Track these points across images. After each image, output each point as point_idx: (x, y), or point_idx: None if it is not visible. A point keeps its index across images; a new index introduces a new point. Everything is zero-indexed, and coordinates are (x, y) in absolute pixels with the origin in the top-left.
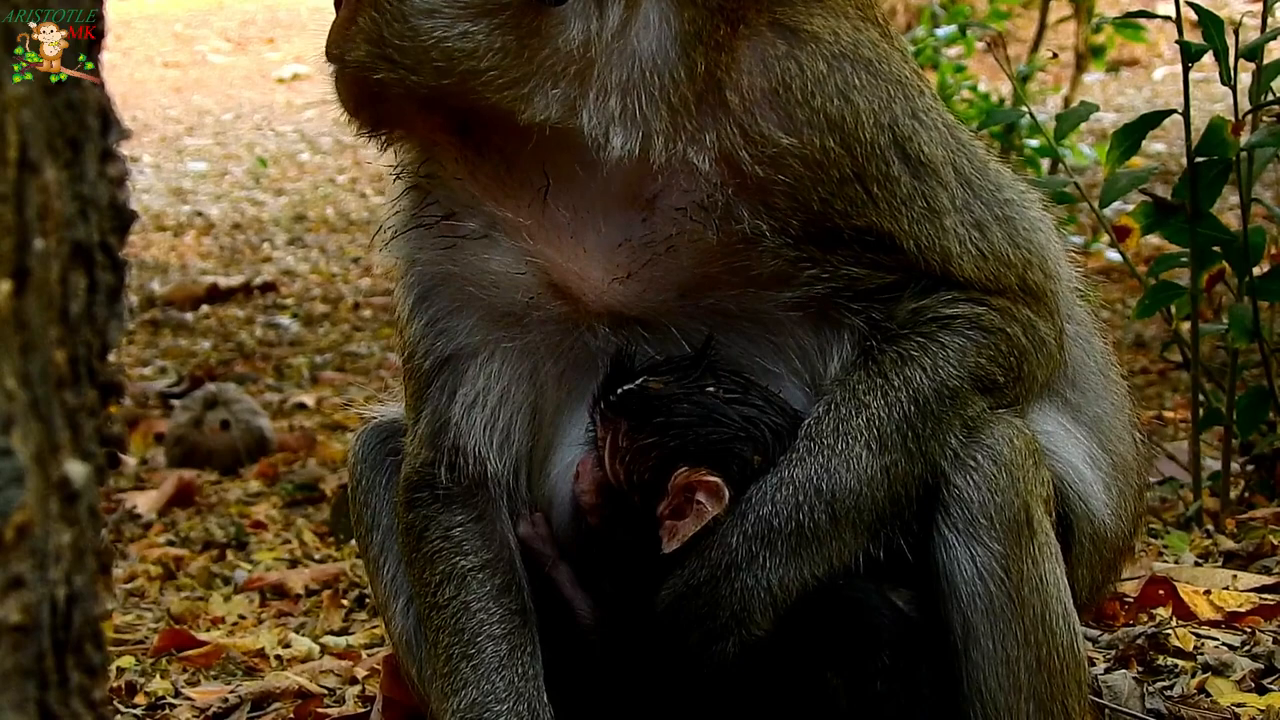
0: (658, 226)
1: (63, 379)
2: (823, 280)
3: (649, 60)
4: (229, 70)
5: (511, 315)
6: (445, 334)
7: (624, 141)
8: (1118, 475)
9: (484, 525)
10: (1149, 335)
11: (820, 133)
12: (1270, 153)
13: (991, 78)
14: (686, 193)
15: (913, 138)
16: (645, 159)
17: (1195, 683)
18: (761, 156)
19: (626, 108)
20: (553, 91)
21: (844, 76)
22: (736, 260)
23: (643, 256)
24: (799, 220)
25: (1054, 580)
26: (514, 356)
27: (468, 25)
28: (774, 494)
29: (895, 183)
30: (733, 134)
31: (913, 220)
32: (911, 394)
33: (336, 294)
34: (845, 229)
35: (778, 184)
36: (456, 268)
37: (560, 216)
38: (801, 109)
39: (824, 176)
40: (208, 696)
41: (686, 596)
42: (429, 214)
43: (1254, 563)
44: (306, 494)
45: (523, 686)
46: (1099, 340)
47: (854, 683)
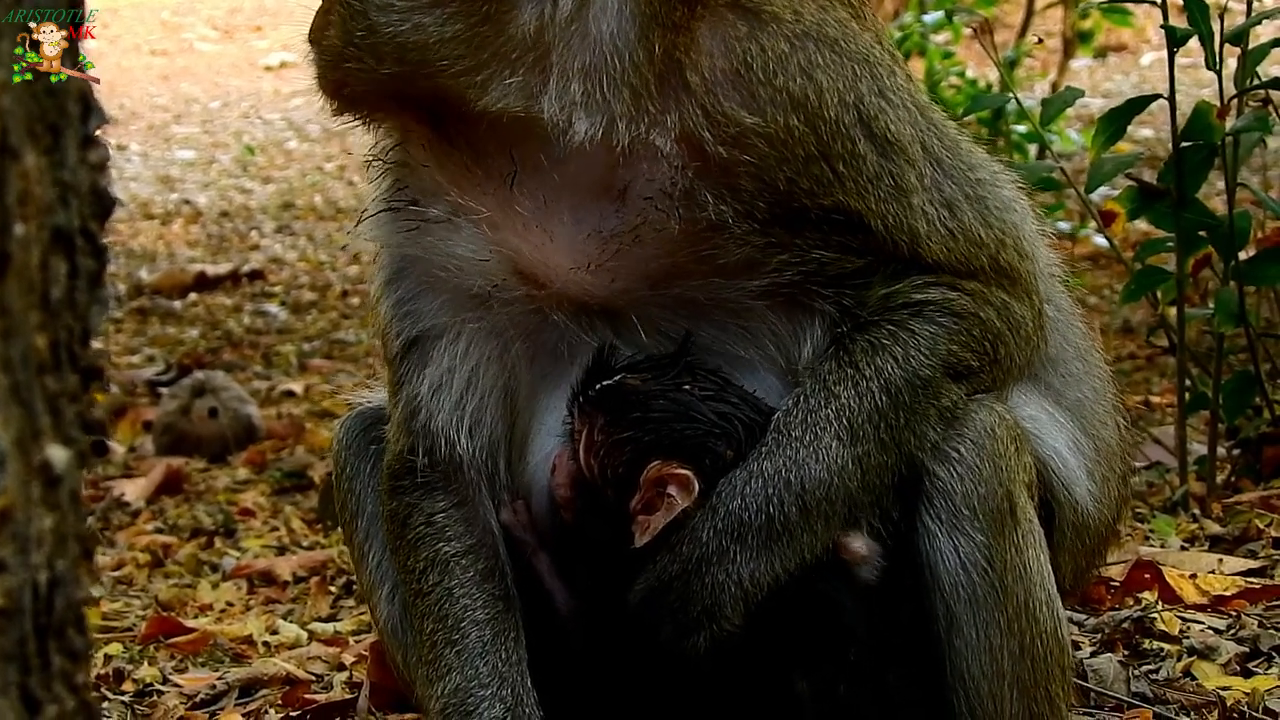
0: (626, 217)
1: (44, 364)
2: (792, 265)
3: (608, 43)
4: (216, 58)
5: (477, 298)
6: (412, 315)
7: (587, 127)
8: (1101, 460)
9: (466, 511)
10: (1135, 320)
11: (784, 111)
12: (1256, 137)
13: (979, 64)
14: (651, 181)
15: (879, 116)
16: (609, 144)
17: (1181, 666)
18: (725, 136)
19: (588, 92)
20: (510, 80)
21: (807, 55)
22: (704, 248)
23: (611, 247)
24: (765, 202)
25: (1037, 568)
26: (480, 338)
27: (420, 17)
28: (744, 487)
29: (861, 160)
30: (695, 115)
31: (879, 199)
32: (883, 384)
33: (324, 282)
34: (812, 209)
35: (742, 164)
36: (422, 251)
37: (526, 205)
38: (764, 88)
39: (789, 155)
40: (196, 683)
41: (658, 591)
42: (399, 198)
43: (1240, 547)
44: (294, 481)
45: (506, 671)
46: (1080, 325)
47: (820, 680)
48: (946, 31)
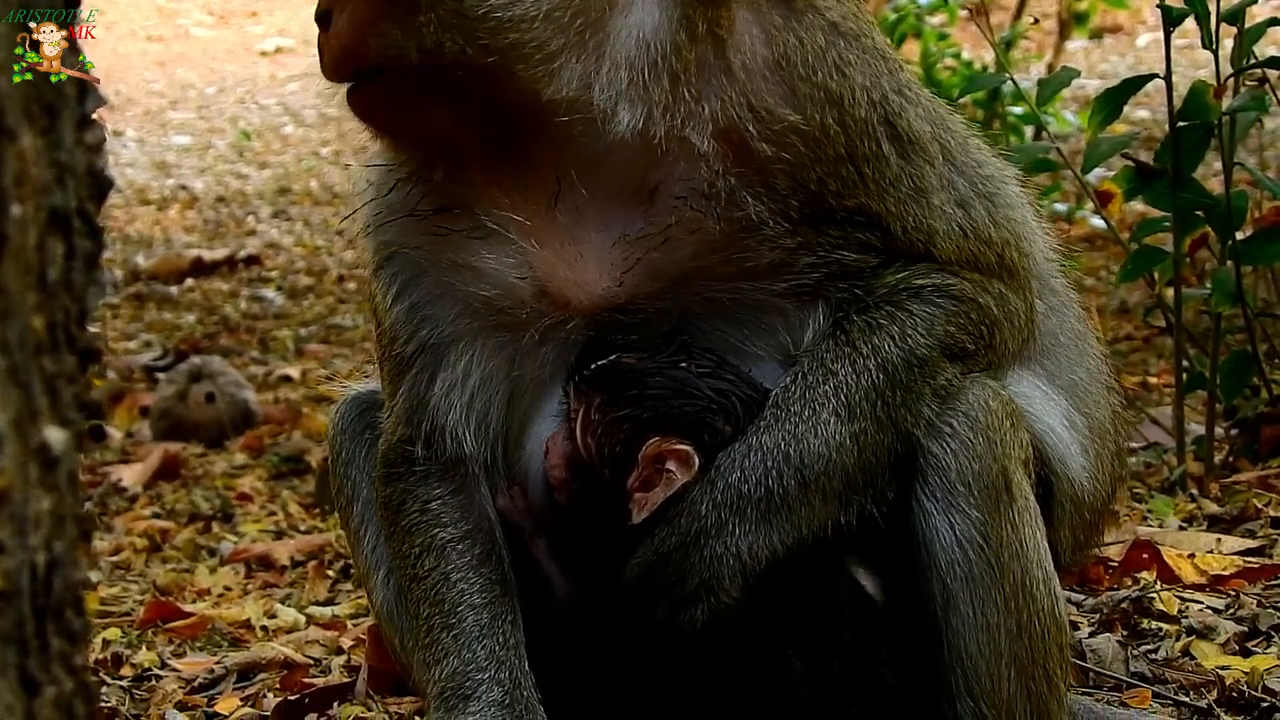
0: (656, 218)
1: (41, 345)
2: (817, 268)
3: (651, 31)
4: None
5: (497, 311)
6: (428, 321)
7: (630, 117)
8: (1094, 438)
9: (462, 498)
10: (1132, 301)
11: (821, 109)
12: (1252, 117)
13: (974, 46)
14: (686, 180)
15: (901, 114)
16: (647, 137)
17: (1179, 646)
18: (768, 133)
19: (633, 80)
20: (575, 66)
21: (839, 51)
22: (735, 251)
23: (636, 253)
24: (798, 201)
25: (1034, 545)
26: (495, 347)
27: None
28: (742, 461)
29: (885, 162)
30: (739, 105)
31: (899, 200)
32: (880, 362)
33: (321, 267)
34: (838, 210)
35: (780, 163)
36: (444, 260)
37: (563, 222)
38: (804, 83)
39: (821, 155)
40: (194, 667)
41: (656, 565)
42: (423, 205)
43: (1238, 526)
44: (291, 466)
45: (504, 655)
46: (1076, 308)
47: (813, 660)
48: (942, 13)
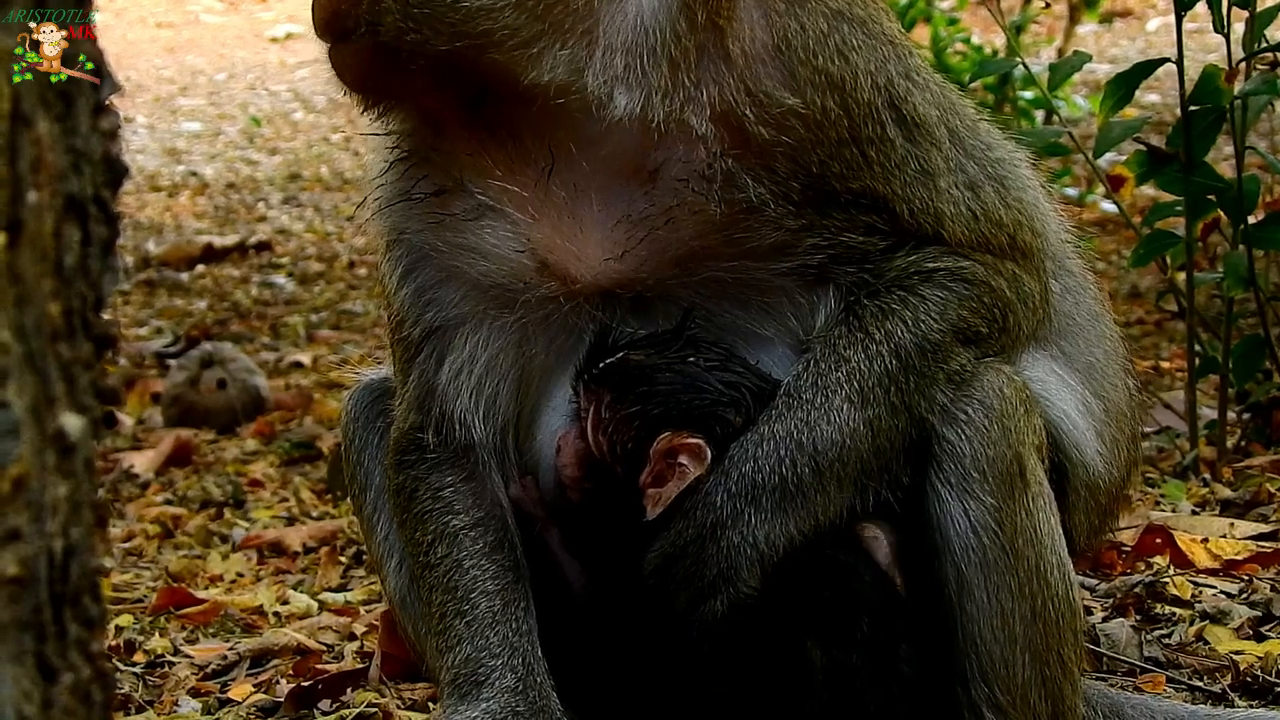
0: (658, 199)
1: (57, 332)
2: (822, 249)
3: (650, 18)
4: (222, 30)
5: (500, 289)
6: (434, 304)
7: (626, 102)
8: (1110, 422)
9: (474, 485)
10: (1144, 285)
11: (822, 93)
12: (1264, 101)
13: (985, 30)
14: (686, 163)
15: (907, 98)
16: (645, 121)
17: (1193, 631)
18: (766, 117)
19: (629, 65)
20: (561, 52)
21: (842, 35)
22: (737, 231)
23: (639, 232)
24: (799, 184)
25: (1048, 531)
26: (502, 328)
27: None
28: (755, 450)
29: (890, 145)
30: (736, 91)
31: (905, 183)
32: (893, 347)
33: (331, 252)
34: (842, 192)
35: (780, 146)
36: (444, 243)
37: (559, 196)
38: (804, 67)
39: (823, 138)
40: (207, 654)
41: (674, 557)
42: (419, 189)
43: (1251, 511)
44: (303, 452)
45: (517, 641)
46: (1092, 290)
47: (832, 650)
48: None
